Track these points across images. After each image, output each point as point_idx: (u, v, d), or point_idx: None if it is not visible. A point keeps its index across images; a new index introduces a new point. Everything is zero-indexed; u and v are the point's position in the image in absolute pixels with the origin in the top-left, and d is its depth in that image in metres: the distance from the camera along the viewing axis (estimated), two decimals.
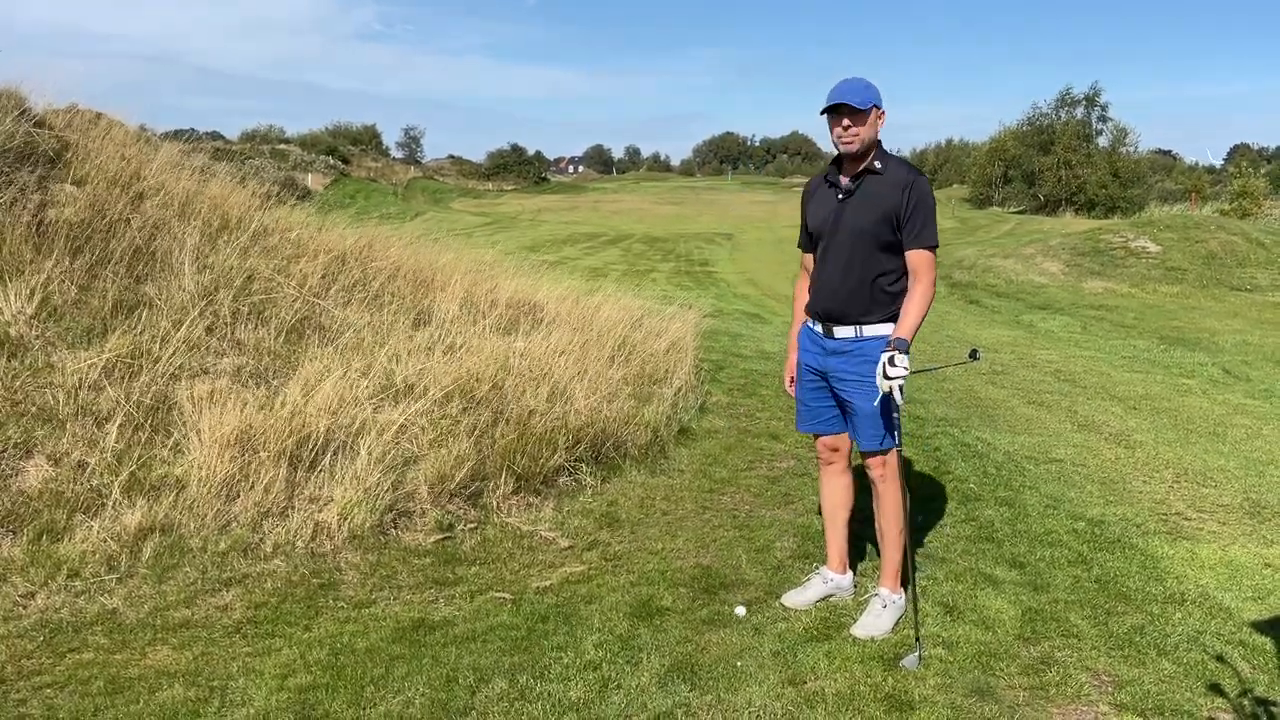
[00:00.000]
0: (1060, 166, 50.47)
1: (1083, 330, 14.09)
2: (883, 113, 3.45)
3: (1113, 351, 11.76)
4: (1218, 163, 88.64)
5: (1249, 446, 6.64)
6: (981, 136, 69.58)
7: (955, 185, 68.68)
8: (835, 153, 3.54)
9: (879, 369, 3.33)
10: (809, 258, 3.73)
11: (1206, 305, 17.54)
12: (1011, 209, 50.64)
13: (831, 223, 3.50)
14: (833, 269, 3.52)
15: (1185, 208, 35.57)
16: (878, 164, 3.45)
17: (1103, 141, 52.45)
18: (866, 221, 3.42)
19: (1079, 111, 53.56)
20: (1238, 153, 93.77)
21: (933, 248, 3.42)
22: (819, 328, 3.61)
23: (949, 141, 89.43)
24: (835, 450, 3.75)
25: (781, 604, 3.81)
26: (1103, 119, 53.18)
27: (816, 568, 3.97)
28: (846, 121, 3.37)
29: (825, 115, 3.42)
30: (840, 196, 3.50)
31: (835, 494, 3.84)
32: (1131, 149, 52.40)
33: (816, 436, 3.80)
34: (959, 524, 4.81)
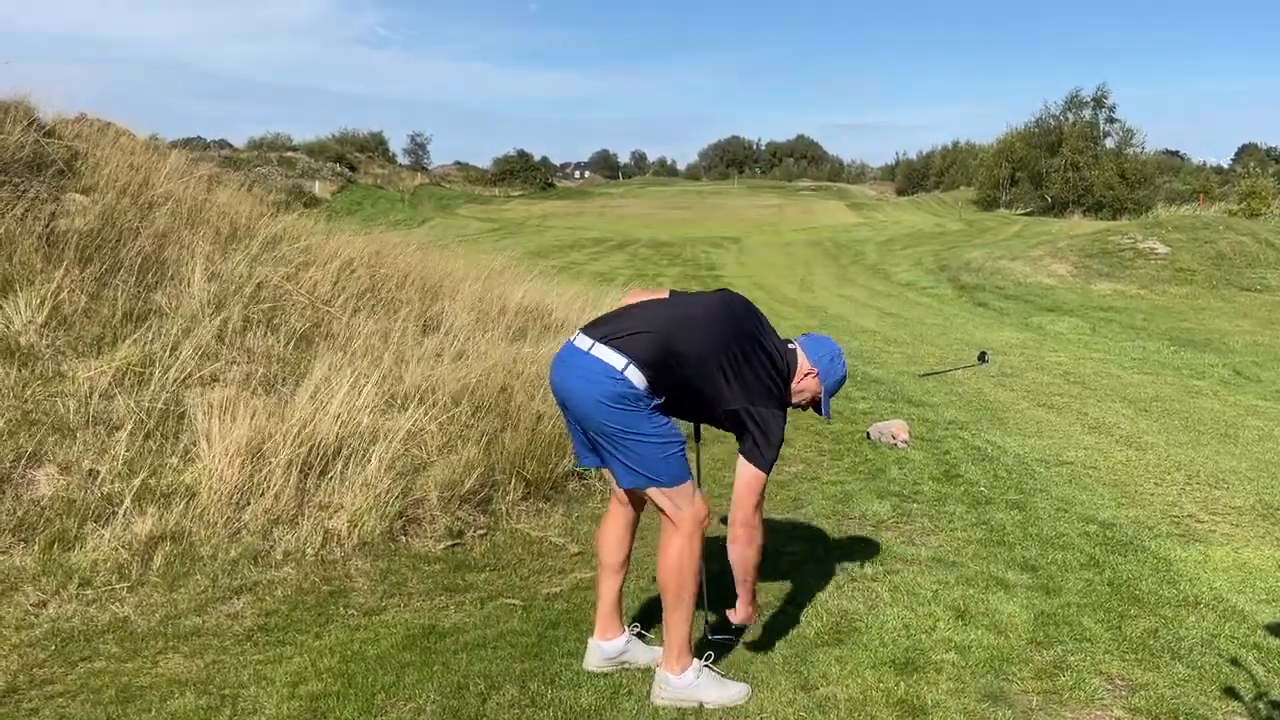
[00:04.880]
0: (1067, 168, 50.42)
1: (1092, 332, 14.05)
2: None
3: (1122, 353, 11.72)
4: (1225, 162, 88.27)
5: (1261, 448, 6.60)
6: (989, 138, 69.27)
7: (962, 187, 68.57)
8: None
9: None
10: None
11: (1216, 306, 17.48)
12: (1019, 211, 50.57)
13: None
14: None
15: (1194, 208, 35.45)
16: None
17: (1110, 143, 52.41)
18: None
19: (1086, 113, 53.53)
20: (1246, 152, 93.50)
21: None
22: None
23: (956, 143, 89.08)
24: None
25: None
26: (1110, 120, 53.14)
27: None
28: None
29: None
30: None
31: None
32: (1138, 149, 52.35)
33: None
34: (970, 527, 4.79)
